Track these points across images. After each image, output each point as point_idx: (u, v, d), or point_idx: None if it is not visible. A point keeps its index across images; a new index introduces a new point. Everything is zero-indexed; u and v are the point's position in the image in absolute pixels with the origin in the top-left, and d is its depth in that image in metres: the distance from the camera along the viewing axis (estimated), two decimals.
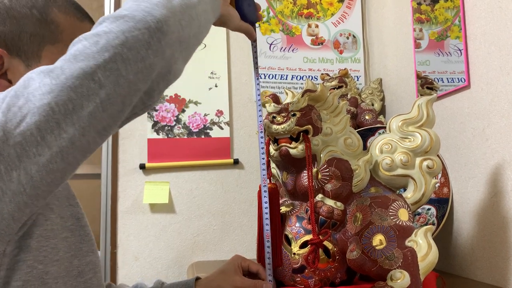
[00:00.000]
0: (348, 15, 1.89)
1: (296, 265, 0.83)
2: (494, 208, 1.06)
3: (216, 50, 1.78)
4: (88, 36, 0.48)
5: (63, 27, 0.63)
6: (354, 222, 0.81)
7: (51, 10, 0.62)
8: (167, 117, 1.71)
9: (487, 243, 1.09)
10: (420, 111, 0.87)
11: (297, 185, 0.87)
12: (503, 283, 1.02)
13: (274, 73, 1.80)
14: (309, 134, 0.84)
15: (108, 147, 1.67)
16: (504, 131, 1.04)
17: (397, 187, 0.89)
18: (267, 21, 1.84)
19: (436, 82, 1.34)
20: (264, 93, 0.94)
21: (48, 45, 0.61)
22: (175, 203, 1.69)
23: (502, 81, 1.05)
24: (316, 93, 0.86)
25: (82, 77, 0.45)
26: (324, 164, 0.84)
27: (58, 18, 0.62)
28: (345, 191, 0.84)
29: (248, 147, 1.76)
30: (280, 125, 0.85)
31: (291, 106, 0.86)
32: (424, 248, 0.76)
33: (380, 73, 1.76)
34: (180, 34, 0.52)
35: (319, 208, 0.82)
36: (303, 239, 0.84)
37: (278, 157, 0.87)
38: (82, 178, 1.82)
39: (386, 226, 0.78)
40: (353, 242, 0.79)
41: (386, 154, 0.86)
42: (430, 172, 0.84)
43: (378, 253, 0.76)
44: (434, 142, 0.84)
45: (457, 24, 1.22)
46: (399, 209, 0.80)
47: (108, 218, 1.64)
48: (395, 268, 0.74)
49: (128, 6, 0.50)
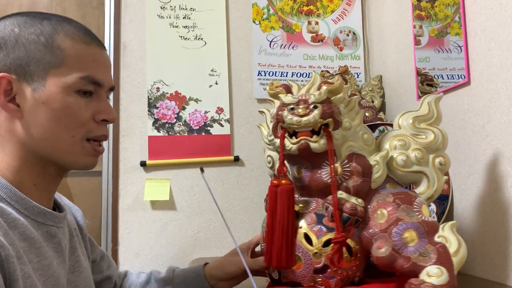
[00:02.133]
0: (348, 12, 1.89)
1: (318, 265, 0.79)
2: (494, 204, 1.07)
3: (216, 48, 1.78)
4: None
5: (68, 51, 0.64)
6: (378, 218, 0.78)
7: (57, 36, 0.64)
8: (168, 114, 1.71)
9: (487, 239, 1.09)
10: (430, 108, 0.87)
11: (313, 180, 0.83)
12: (503, 279, 1.03)
13: (274, 70, 1.81)
14: (329, 128, 0.80)
15: (109, 145, 1.68)
16: (504, 127, 1.04)
17: (407, 184, 0.88)
18: (267, 18, 1.84)
19: (436, 79, 1.35)
20: (274, 84, 0.88)
21: (52, 69, 0.63)
22: (176, 200, 1.70)
23: (502, 77, 1.05)
24: (335, 85, 0.82)
25: None
26: (344, 159, 0.81)
27: (64, 43, 0.64)
28: (365, 188, 0.81)
29: (248, 144, 1.76)
30: (302, 117, 0.79)
31: (312, 97, 0.81)
32: (454, 244, 0.74)
33: (380, 70, 1.76)
34: None
35: (342, 205, 0.79)
36: (325, 237, 0.79)
37: (296, 151, 0.81)
38: (83, 175, 1.82)
39: (415, 222, 0.75)
40: (379, 239, 0.76)
41: (401, 150, 0.85)
42: (441, 168, 0.85)
43: (410, 249, 0.73)
44: (445, 140, 0.86)
45: (457, 20, 1.22)
46: (422, 205, 0.79)
47: (109, 215, 1.65)
48: (430, 265, 0.71)
49: None
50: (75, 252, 0.73)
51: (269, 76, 1.80)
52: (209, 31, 1.79)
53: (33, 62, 0.62)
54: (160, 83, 1.73)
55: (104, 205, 1.66)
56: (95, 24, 1.87)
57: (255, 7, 1.83)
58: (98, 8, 1.87)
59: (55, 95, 0.62)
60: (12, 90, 0.61)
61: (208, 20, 1.79)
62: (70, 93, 0.63)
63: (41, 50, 0.62)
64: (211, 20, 1.80)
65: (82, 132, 0.65)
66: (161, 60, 1.74)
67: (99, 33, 1.83)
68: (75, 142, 0.65)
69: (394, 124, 0.90)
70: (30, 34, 0.63)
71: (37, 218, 0.63)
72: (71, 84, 0.63)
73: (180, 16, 1.78)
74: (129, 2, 1.76)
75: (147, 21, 1.76)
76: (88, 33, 0.68)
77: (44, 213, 0.65)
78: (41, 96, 0.62)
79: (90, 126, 0.66)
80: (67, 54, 0.63)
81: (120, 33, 1.74)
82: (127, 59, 1.73)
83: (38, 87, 0.62)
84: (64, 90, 0.63)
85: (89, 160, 0.68)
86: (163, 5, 1.77)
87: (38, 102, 0.62)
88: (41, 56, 0.62)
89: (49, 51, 0.63)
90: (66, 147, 0.64)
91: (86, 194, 1.79)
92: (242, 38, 1.82)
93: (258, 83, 1.79)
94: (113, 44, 1.72)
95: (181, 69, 1.75)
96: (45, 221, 0.65)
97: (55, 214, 0.67)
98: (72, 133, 0.64)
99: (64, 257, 0.68)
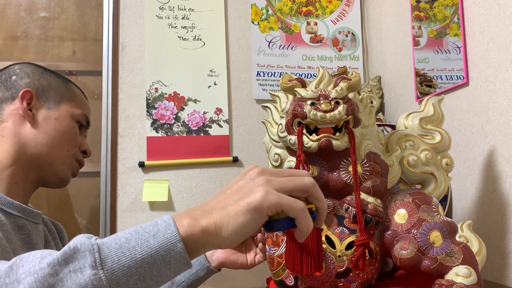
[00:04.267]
0: (347, 12, 1.89)
1: (341, 269, 0.75)
2: (492, 204, 1.06)
3: (215, 48, 1.78)
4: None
5: (76, 94, 0.86)
6: (398, 219, 0.77)
7: (70, 83, 0.87)
8: (166, 115, 1.71)
9: (486, 240, 1.09)
10: (436, 110, 0.87)
11: (331, 180, 0.78)
12: (501, 279, 1.03)
13: (273, 71, 1.80)
14: (350, 125, 0.76)
15: (107, 145, 1.67)
16: (503, 128, 1.04)
17: (414, 184, 0.88)
18: (266, 19, 1.84)
19: (435, 80, 1.35)
20: (287, 77, 0.82)
21: (66, 100, 0.83)
22: (175, 201, 1.69)
23: (500, 78, 1.05)
24: (353, 81, 0.78)
25: None
26: (364, 158, 0.78)
27: (75, 89, 0.87)
28: (383, 188, 0.79)
29: (247, 144, 1.76)
30: (327, 112, 0.74)
31: (333, 93, 0.77)
32: (476, 244, 0.75)
33: (379, 71, 1.76)
34: None
35: (364, 206, 0.75)
36: (347, 239, 0.76)
37: (316, 148, 0.75)
38: (82, 176, 1.82)
39: (439, 223, 0.74)
40: (402, 240, 0.74)
41: (411, 151, 0.84)
42: (447, 169, 0.85)
43: (437, 250, 0.72)
44: (450, 141, 0.86)
45: (456, 21, 1.22)
46: (438, 205, 0.78)
47: (107, 216, 1.65)
48: (457, 265, 0.71)
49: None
50: None
51: (268, 76, 1.80)
52: (208, 31, 1.79)
53: (53, 91, 0.82)
54: (159, 83, 1.72)
55: (102, 206, 1.65)
56: (94, 24, 1.86)
57: (254, 8, 1.83)
58: (96, 8, 1.86)
59: (65, 116, 0.82)
60: (31, 103, 0.79)
61: (207, 20, 1.79)
62: (74, 120, 0.83)
63: (60, 85, 0.84)
64: (210, 21, 1.79)
65: (74, 151, 0.83)
66: (160, 61, 1.74)
67: (98, 33, 1.83)
68: (68, 155, 0.82)
69: (398, 125, 0.90)
70: (51, 73, 0.85)
71: (5, 207, 0.72)
72: (76, 114, 0.84)
73: (179, 17, 1.78)
74: (127, 2, 1.76)
75: (146, 21, 1.75)
76: (83, 94, 0.90)
77: (12, 203, 0.73)
78: (55, 113, 0.81)
79: (77, 150, 0.84)
80: (76, 96, 0.86)
81: (118, 33, 1.74)
82: (125, 60, 1.73)
83: (52, 107, 0.81)
84: (72, 116, 0.83)
85: (69, 175, 0.83)
86: (161, 5, 1.77)
87: (51, 117, 0.81)
88: (58, 89, 0.83)
89: (64, 88, 0.84)
90: (60, 157, 0.80)
91: (84, 195, 1.79)
92: (241, 39, 1.82)
93: (257, 84, 1.79)
94: (111, 44, 1.72)
95: (180, 69, 1.74)
96: (13, 211, 0.73)
97: (24, 207, 0.75)
98: (68, 148, 0.81)
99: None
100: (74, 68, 1.85)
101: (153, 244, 0.42)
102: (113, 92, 1.70)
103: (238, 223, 0.44)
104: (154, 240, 0.42)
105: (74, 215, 1.79)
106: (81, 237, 0.43)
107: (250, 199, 0.44)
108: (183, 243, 0.43)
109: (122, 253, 0.41)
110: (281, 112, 0.82)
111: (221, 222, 0.44)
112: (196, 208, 0.47)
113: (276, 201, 0.44)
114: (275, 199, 0.44)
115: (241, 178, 0.48)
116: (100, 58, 1.73)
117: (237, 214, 0.44)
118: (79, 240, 0.42)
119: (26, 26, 1.83)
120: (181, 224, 0.44)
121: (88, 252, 0.41)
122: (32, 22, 1.84)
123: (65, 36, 1.85)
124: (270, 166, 0.87)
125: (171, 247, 0.42)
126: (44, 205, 1.75)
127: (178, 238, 0.43)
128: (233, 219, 0.44)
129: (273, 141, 0.84)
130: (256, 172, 0.47)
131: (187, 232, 0.43)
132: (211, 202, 0.47)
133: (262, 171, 0.48)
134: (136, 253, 0.41)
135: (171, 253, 0.42)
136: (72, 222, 1.79)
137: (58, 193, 1.76)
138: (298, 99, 0.77)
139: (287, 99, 0.84)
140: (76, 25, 1.86)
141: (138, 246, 0.42)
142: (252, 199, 0.44)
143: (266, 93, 1.78)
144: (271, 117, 0.87)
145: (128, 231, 0.44)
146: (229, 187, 0.47)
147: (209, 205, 0.46)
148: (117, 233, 0.44)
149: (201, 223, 0.44)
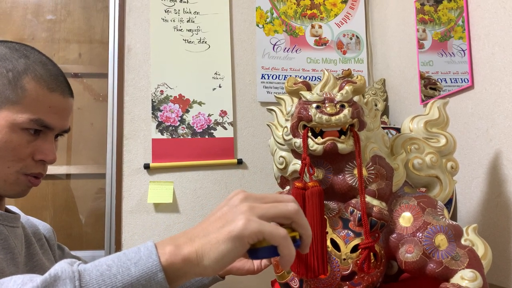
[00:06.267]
0: (351, 15, 1.89)
1: (346, 272, 0.75)
2: (498, 208, 1.06)
3: (220, 51, 1.79)
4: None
5: (29, 93, 0.68)
6: (403, 222, 0.77)
7: (25, 76, 0.68)
8: (171, 117, 1.72)
9: (491, 244, 1.08)
10: (441, 113, 0.87)
11: (336, 183, 0.78)
12: (507, 283, 1.02)
13: (278, 74, 1.81)
14: (355, 129, 0.77)
15: (112, 147, 1.68)
16: (508, 131, 1.04)
17: (419, 187, 0.88)
18: (271, 21, 1.84)
19: (439, 83, 1.35)
20: (292, 80, 0.82)
21: (8, 105, 0.67)
22: (179, 203, 1.70)
23: (506, 81, 1.05)
24: (358, 84, 0.78)
25: None
26: (369, 161, 0.78)
27: (28, 85, 0.68)
28: (388, 191, 0.79)
29: (252, 147, 1.76)
30: (332, 115, 0.74)
31: (338, 96, 0.77)
32: (481, 247, 0.75)
33: (383, 74, 1.76)
34: None
35: (370, 209, 0.75)
36: (353, 242, 0.76)
37: (321, 151, 0.76)
38: (87, 177, 1.83)
39: (444, 226, 0.74)
40: (407, 243, 0.74)
41: (416, 154, 0.84)
42: (452, 172, 0.85)
43: (442, 253, 0.72)
44: (455, 144, 0.86)
45: (461, 24, 1.22)
46: (443, 208, 0.78)
47: (112, 218, 1.65)
48: (462, 268, 0.71)
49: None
50: (33, 257, 0.75)
51: (273, 79, 1.80)
52: (213, 34, 1.80)
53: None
54: (164, 86, 1.73)
55: (107, 208, 1.66)
56: (100, 27, 1.88)
57: (258, 11, 1.84)
58: (102, 11, 1.88)
59: (1, 128, 0.67)
60: None
61: (212, 23, 1.80)
62: (15, 130, 0.67)
63: (5, 84, 0.67)
64: (215, 24, 1.80)
65: (18, 166, 0.69)
66: (165, 63, 1.75)
67: (104, 36, 1.85)
68: (10, 173, 0.68)
69: (402, 128, 0.90)
70: (2, 67, 0.67)
71: None
72: (19, 122, 0.67)
73: (184, 20, 1.79)
74: (133, 5, 1.77)
75: (151, 24, 1.76)
76: (55, 79, 0.71)
77: None
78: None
79: (27, 162, 0.70)
80: (27, 95, 0.68)
81: (124, 36, 1.75)
82: (131, 62, 1.74)
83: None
84: (12, 126, 0.67)
85: (19, 190, 0.71)
86: (167, 8, 1.78)
87: None
88: (2, 90, 0.67)
89: (12, 88, 0.67)
90: (0, 175, 0.68)
91: (90, 197, 1.80)
92: (246, 42, 1.82)
93: (261, 86, 1.80)
94: (117, 47, 1.73)
95: (185, 72, 1.75)
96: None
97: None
98: (8, 164, 0.68)
99: (13, 255, 0.68)
100: (80, 70, 1.87)
101: (134, 273, 0.42)
102: (119, 95, 1.71)
103: (220, 251, 0.43)
104: (135, 268, 0.42)
105: (79, 217, 1.80)
106: (63, 264, 0.43)
107: (231, 227, 0.43)
108: (163, 273, 0.42)
109: (102, 280, 0.41)
110: (286, 115, 0.83)
111: (203, 251, 0.43)
112: (180, 234, 0.46)
113: (258, 229, 0.43)
114: (256, 227, 0.43)
115: (226, 204, 0.47)
116: (106, 61, 1.74)
117: (218, 243, 0.43)
118: (60, 266, 0.42)
119: (32, 29, 1.85)
120: (163, 252, 0.43)
121: (68, 280, 0.41)
122: (39, 25, 1.86)
123: (71, 39, 1.87)
124: (275, 168, 0.87)
125: (152, 276, 0.42)
126: (49, 207, 1.76)
127: (159, 267, 0.42)
128: (214, 247, 0.43)
129: (278, 144, 0.84)
130: (240, 198, 0.46)
131: (168, 261, 0.43)
132: (195, 229, 0.46)
133: (245, 197, 0.47)
134: (117, 281, 0.41)
135: (152, 283, 0.42)
136: (77, 223, 1.80)
137: (63, 195, 1.78)
138: (303, 102, 0.78)
139: (292, 102, 0.84)
140: (82, 28, 1.88)
141: (119, 274, 0.41)
142: (234, 227, 0.43)
143: (271, 95, 1.78)
144: (276, 120, 0.87)
145: (111, 257, 0.44)
146: (214, 213, 0.47)
147: (193, 232, 0.45)
148: (100, 259, 0.44)
149: (183, 252, 0.43)
